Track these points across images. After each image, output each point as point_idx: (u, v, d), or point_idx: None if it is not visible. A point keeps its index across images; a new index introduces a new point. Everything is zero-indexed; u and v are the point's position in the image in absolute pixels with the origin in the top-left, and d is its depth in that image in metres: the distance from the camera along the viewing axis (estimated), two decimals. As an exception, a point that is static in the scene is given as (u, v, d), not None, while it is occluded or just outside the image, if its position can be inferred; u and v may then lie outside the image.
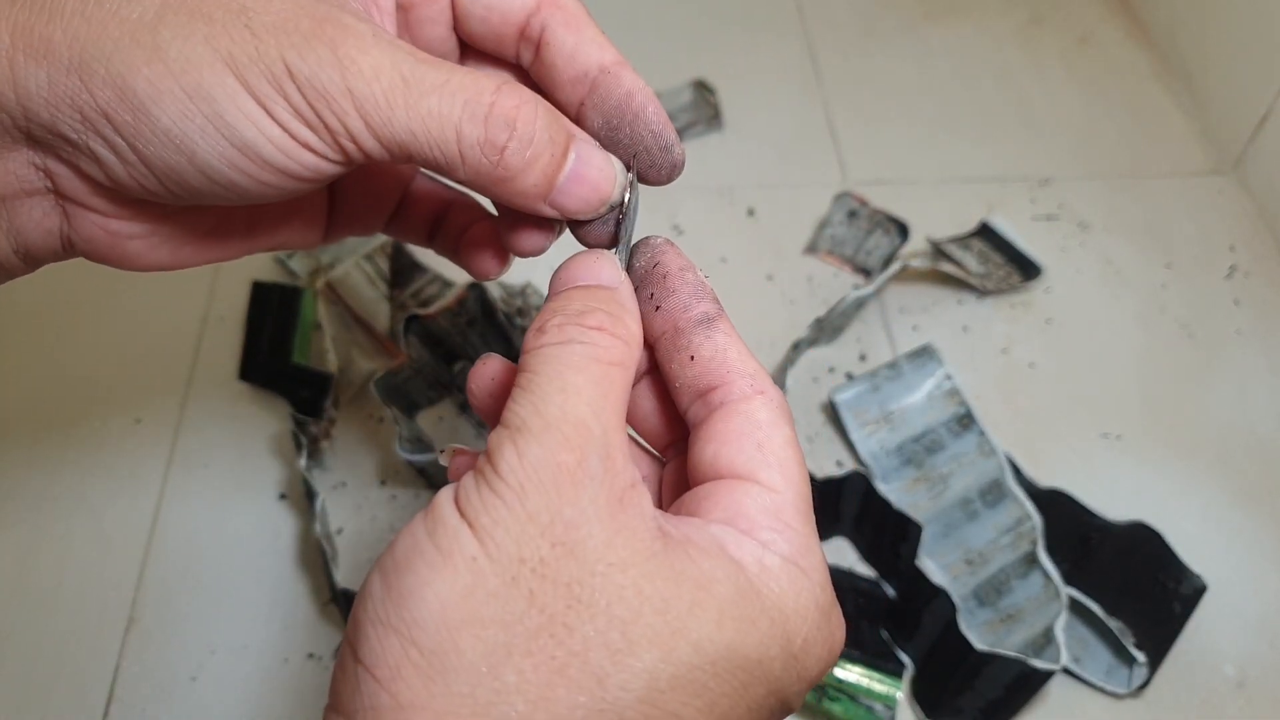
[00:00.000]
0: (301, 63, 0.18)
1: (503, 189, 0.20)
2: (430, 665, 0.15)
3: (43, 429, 0.45)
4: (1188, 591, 0.38)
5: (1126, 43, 0.64)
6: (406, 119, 0.18)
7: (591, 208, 0.21)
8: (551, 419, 0.17)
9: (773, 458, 0.18)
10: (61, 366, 0.47)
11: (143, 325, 0.49)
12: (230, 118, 0.18)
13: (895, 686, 0.36)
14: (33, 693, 0.38)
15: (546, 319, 0.19)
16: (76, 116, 0.18)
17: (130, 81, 0.17)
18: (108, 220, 0.20)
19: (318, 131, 0.18)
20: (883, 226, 0.51)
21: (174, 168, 0.18)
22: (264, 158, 0.18)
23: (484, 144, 0.19)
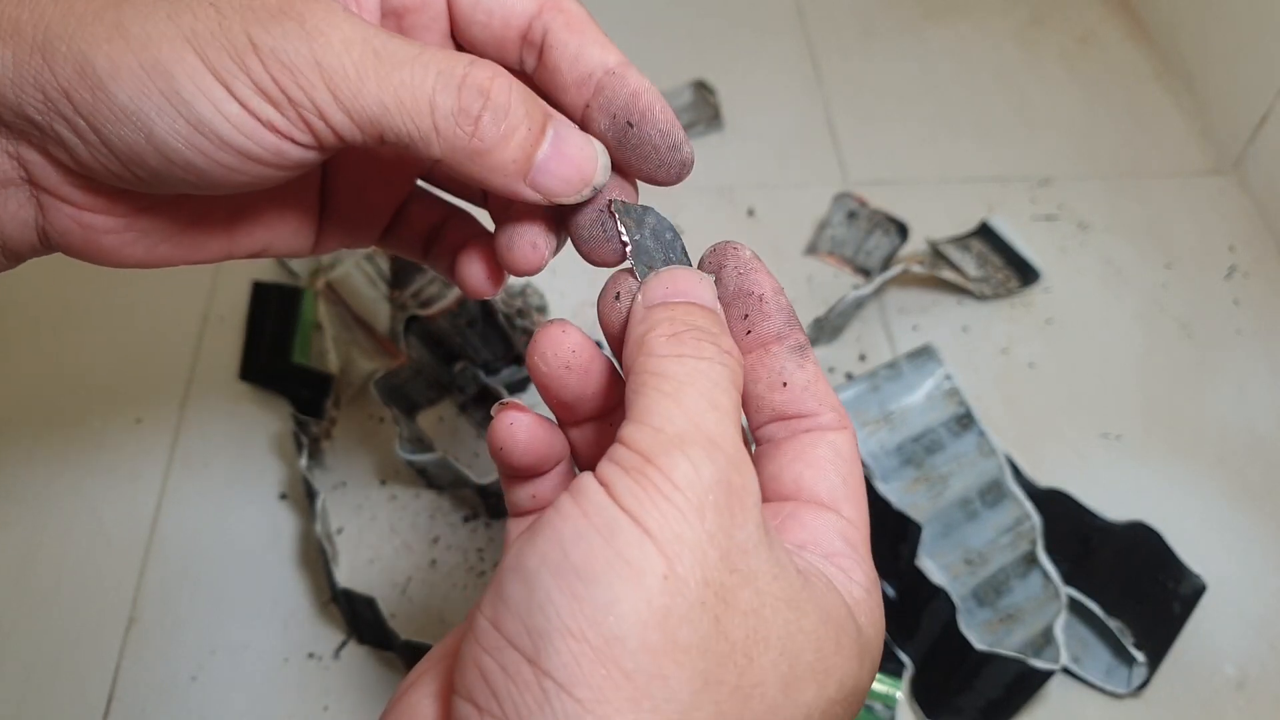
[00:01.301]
0: (266, 35, 0.17)
1: (480, 162, 0.19)
2: (636, 690, 0.15)
3: (43, 429, 0.45)
4: (1187, 591, 0.38)
5: (1126, 43, 0.64)
6: (378, 91, 0.18)
7: (574, 188, 0.20)
8: (713, 436, 0.17)
9: (854, 493, 0.19)
10: (62, 366, 0.47)
11: (143, 325, 0.49)
12: (186, 94, 0.17)
13: (895, 686, 0.36)
14: (33, 692, 0.38)
15: (680, 329, 0.18)
16: (39, 96, 0.17)
17: (90, 58, 0.17)
18: (80, 213, 0.20)
19: (281, 108, 0.18)
20: (882, 227, 0.51)
21: (133, 147, 0.18)
22: (221, 136, 0.18)
23: (458, 113, 0.18)
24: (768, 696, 0.16)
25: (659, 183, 0.22)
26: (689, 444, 0.16)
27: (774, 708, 0.16)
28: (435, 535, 0.42)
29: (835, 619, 0.17)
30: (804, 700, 0.16)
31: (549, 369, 0.20)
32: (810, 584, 0.17)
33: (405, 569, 0.41)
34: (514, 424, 0.20)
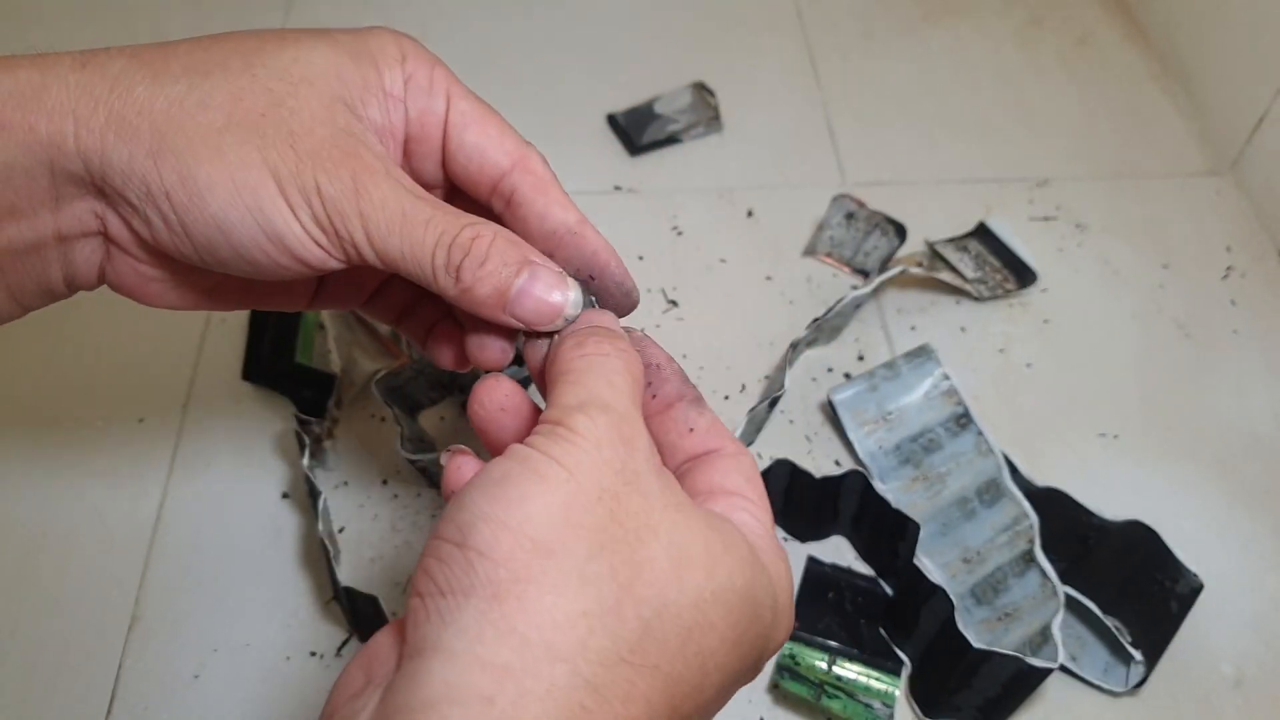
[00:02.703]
0: (329, 185, 0.23)
1: (464, 299, 0.24)
2: (541, 551, 0.19)
3: (46, 428, 0.45)
4: (1185, 590, 0.39)
5: (1124, 44, 0.64)
6: (399, 242, 0.23)
7: (545, 318, 0.25)
8: (609, 402, 0.21)
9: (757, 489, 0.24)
10: (65, 366, 0.47)
11: (146, 326, 0.49)
12: (267, 212, 0.23)
13: (894, 684, 0.36)
14: (36, 691, 0.38)
15: (585, 337, 0.23)
16: (143, 189, 0.23)
17: (193, 171, 0.22)
18: (140, 265, 0.25)
19: (329, 236, 0.23)
20: (881, 228, 0.52)
21: (211, 242, 0.23)
22: (286, 246, 0.23)
23: (448, 265, 0.24)
24: (657, 569, 0.20)
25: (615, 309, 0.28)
26: (587, 407, 0.21)
27: (663, 579, 0.20)
28: (436, 534, 0.42)
29: (722, 531, 0.21)
30: (693, 581, 0.20)
31: (486, 413, 0.25)
32: (698, 507, 0.22)
33: (407, 567, 0.41)
34: (462, 467, 0.24)
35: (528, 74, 0.60)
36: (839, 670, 0.36)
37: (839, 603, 0.40)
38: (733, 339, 0.49)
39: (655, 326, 0.49)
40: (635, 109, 0.59)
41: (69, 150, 0.22)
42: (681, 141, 0.58)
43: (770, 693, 0.38)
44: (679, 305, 0.50)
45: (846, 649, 0.37)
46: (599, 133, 0.58)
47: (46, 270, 0.25)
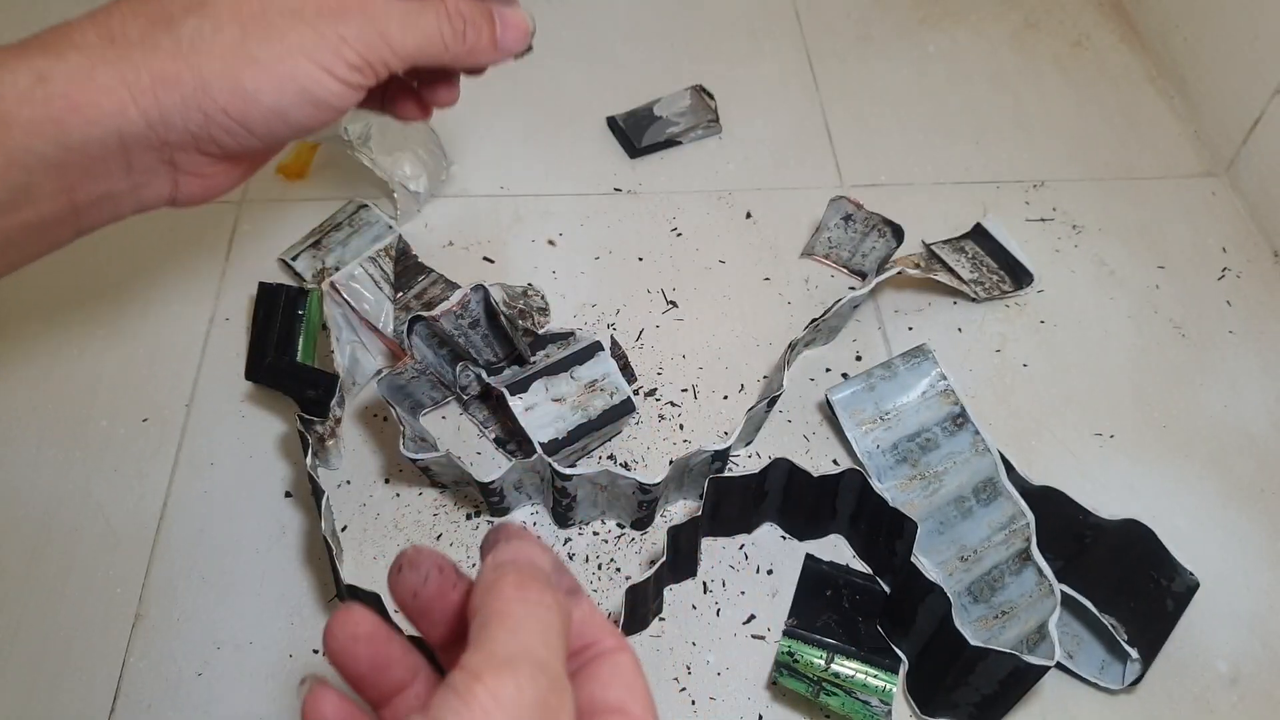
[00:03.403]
0: (347, 29, 0.27)
1: (472, 56, 0.30)
2: None
3: (51, 428, 0.46)
4: (1180, 588, 0.39)
5: (1120, 47, 0.65)
6: (414, 38, 0.28)
7: (525, 41, 0.31)
8: (545, 661, 0.20)
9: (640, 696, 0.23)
10: (70, 366, 0.48)
11: (150, 326, 0.49)
12: (311, 88, 0.27)
13: (891, 681, 0.36)
14: (41, 687, 0.38)
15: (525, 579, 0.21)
16: (201, 118, 0.26)
17: (240, 83, 0.26)
18: (204, 179, 0.29)
19: (363, 71, 0.28)
20: (878, 229, 0.52)
21: (273, 129, 0.27)
22: (332, 105, 0.28)
23: (455, 34, 0.29)
24: None
25: None
26: (519, 664, 0.19)
27: None
28: (439, 532, 0.43)
29: None
30: None
31: (339, 644, 0.23)
32: None
33: (408, 566, 0.42)
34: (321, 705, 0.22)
35: (529, 77, 0.60)
36: (837, 667, 0.36)
37: (837, 600, 0.40)
38: (731, 339, 0.49)
39: (655, 327, 0.50)
40: (635, 112, 0.59)
41: (131, 115, 0.26)
42: (681, 144, 0.58)
43: (769, 689, 0.39)
44: (678, 306, 0.51)
45: (844, 646, 0.37)
46: (599, 135, 0.59)
47: (118, 210, 0.28)
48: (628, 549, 0.42)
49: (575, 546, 0.42)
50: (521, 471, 0.40)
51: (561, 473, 0.39)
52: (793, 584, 0.41)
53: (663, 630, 0.40)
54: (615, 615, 0.40)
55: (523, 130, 0.59)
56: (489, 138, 0.58)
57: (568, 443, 0.42)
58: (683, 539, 0.39)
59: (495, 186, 0.56)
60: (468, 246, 0.53)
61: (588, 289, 0.51)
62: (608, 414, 0.43)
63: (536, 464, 0.40)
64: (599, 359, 0.43)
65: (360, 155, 0.51)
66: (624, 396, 0.43)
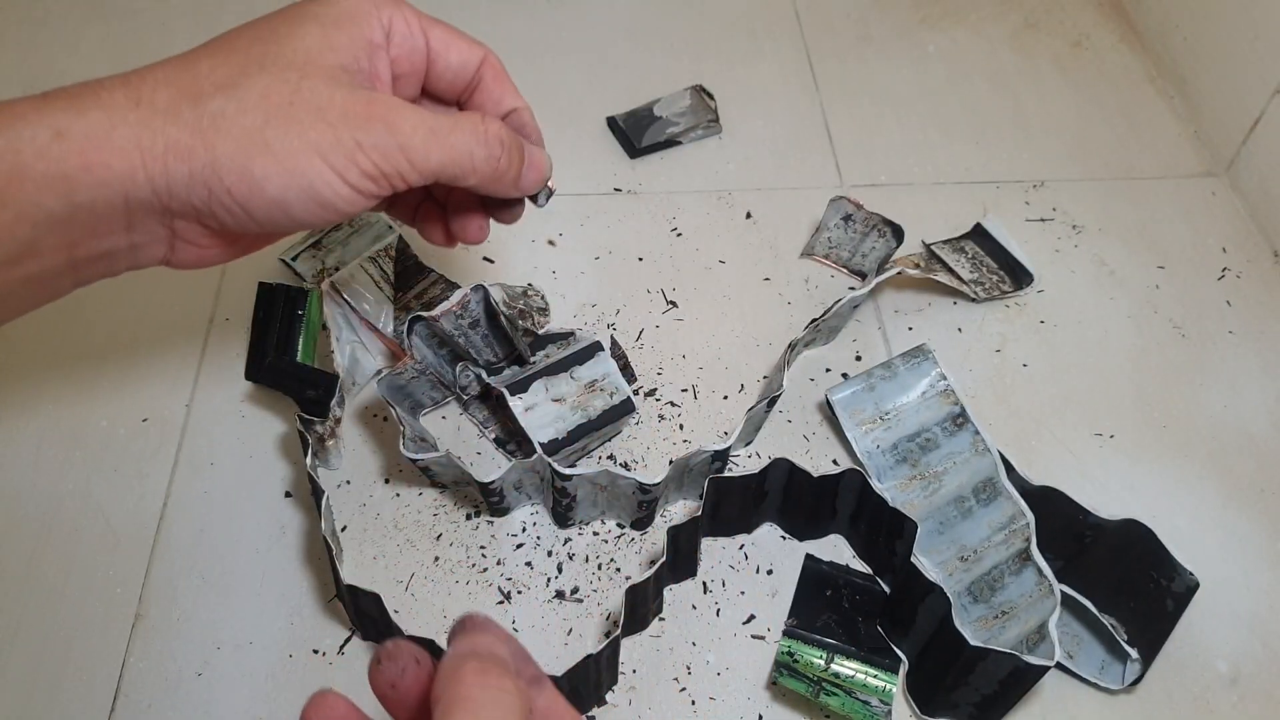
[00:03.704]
0: (366, 136, 0.27)
1: (497, 184, 0.31)
2: None
3: (51, 428, 0.46)
4: (1180, 588, 0.39)
5: (1120, 47, 0.65)
6: (439, 155, 0.29)
7: (540, 185, 0.33)
8: None
9: None
10: (70, 366, 0.48)
11: (150, 326, 0.49)
12: (318, 187, 0.27)
13: (891, 681, 0.36)
14: (41, 688, 0.38)
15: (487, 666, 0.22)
16: (205, 193, 0.27)
17: (249, 168, 0.26)
18: (201, 250, 0.29)
19: (377, 180, 0.28)
20: (878, 229, 0.52)
21: (272, 219, 0.28)
22: (335, 208, 0.28)
23: (489, 158, 0.30)
24: None
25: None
26: None
27: None
28: (439, 532, 0.43)
29: None
30: None
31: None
32: None
33: (409, 565, 0.42)
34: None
35: (528, 77, 0.60)
36: (837, 667, 0.36)
37: (837, 600, 0.40)
38: (731, 339, 0.49)
39: (655, 327, 0.50)
40: (635, 112, 0.59)
41: (139, 180, 0.26)
42: (681, 144, 0.58)
43: (769, 689, 0.39)
44: (678, 306, 0.51)
45: (844, 646, 0.37)
46: (599, 135, 0.59)
47: (113, 267, 0.28)
48: (628, 549, 0.42)
49: (575, 546, 0.42)
50: (521, 471, 0.40)
51: (561, 473, 0.39)
52: (793, 584, 0.41)
53: (663, 630, 0.40)
54: (615, 615, 0.40)
55: (523, 130, 0.59)
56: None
57: (568, 443, 0.42)
58: (683, 539, 0.39)
59: (495, 186, 0.56)
60: (467, 247, 0.53)
61: (588, 289, 0.51)
62: (608, 414, 0.43)
63: (536, 464, 0.40)
64: (599, 359, 0.43)
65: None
66: (624, 396, 0.43)
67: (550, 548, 0.42)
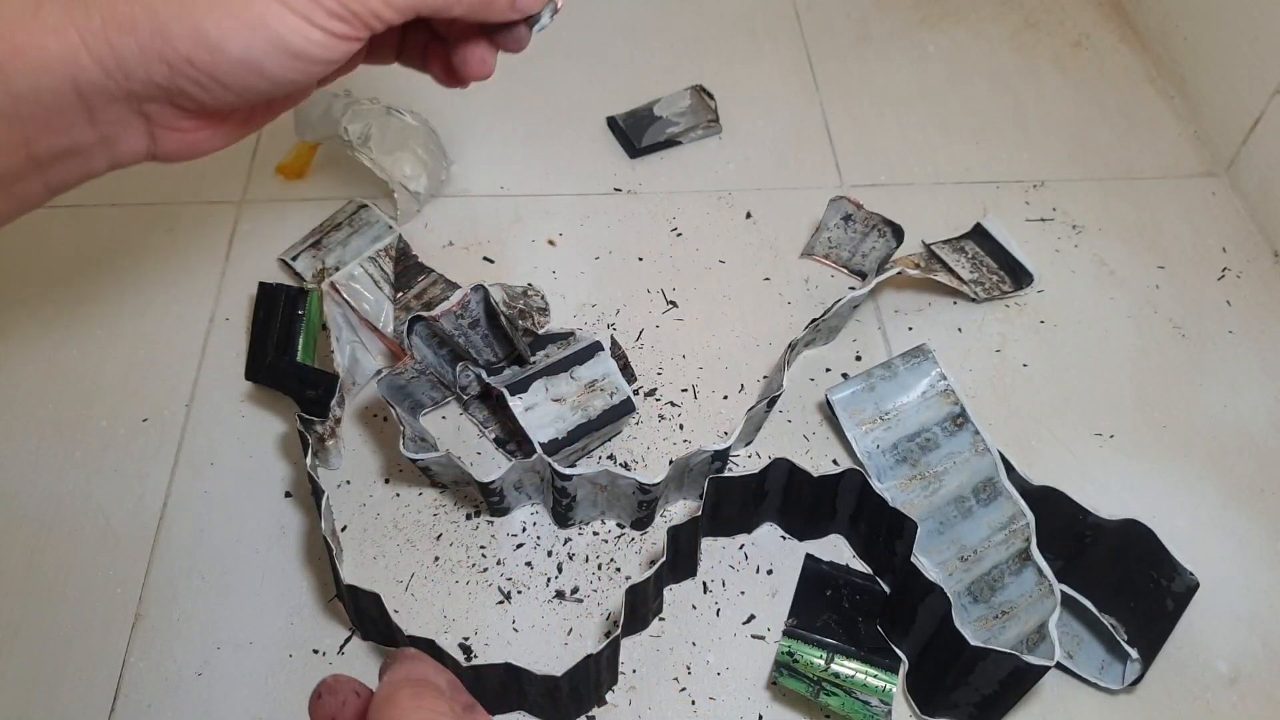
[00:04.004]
0: None
1: (487, 10, 0.27)
2: None
3: (51, 428, 0.46)
4: (1180, 588, 0.39)
5: (1120, 47, 0.65)
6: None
7: (540, 4, 0.29)
8: None
9: None
10: (70, 366, 0.48)
11: (150, 326, 0.49)
12: (286, 35, 0.24)
13: (891, 681, 0.36)
14: (41, 688, 0.38)
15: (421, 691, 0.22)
16: (164, 69, 0.24)
17: (203, 29, 0.23)
18: (184, 133, 0.26)
19: (349, 21, 0.25)
20: (878, 229, 0.52)
21: (248, 83, 0.24)
22: (312, 56, 0.25)
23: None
24: None
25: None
26: None
27: None
28: (439, 532, 0.43)
29: None
30: None
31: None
32: None
33: (409, 565, 0.42)
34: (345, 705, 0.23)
35: (529, 77, 0.60)
36: (837, 667, 0.36)
37: (837, 600, 0.40)
38: (731, 339, 0.49)
39: (655, 327, 0.50)
40: (635, 112, 0.59)
41: (84, 63, 0.23)
42: (681, 144, 0.58)
43: (769, 689, 0.39)
44: (678, 306, 0.51)
45: (844, 646, 0.37)
46: (599, 135, 0.59)
47: (90, 165, 0.26)
48: (628, 549, 0.42)
49: (575, 546, 0.42)
50: (521, 471, 0.40)
51: (561, 473, 0.39)
52: (793, 584, 0.41)
53: (663, 630, 0.40)
54: (615, 615, 0.40)
55: (523, 130, 0.59)
56: (489, 138, 0.58)
57: (568, 443, 0.42)
58: (683, 539, 0.39)
59: (495, 186, 0.56)
60: (468, 246, 0.53)
61: (588, 289, 0.51)
62: (608, 414, 0.43)
63: (536, 464, 0.40)
64: (599, 359, 0.43)
65: (360, 155, 0.51)
66: (624, 396, 0.43)
67: (550, 548, 0.42)
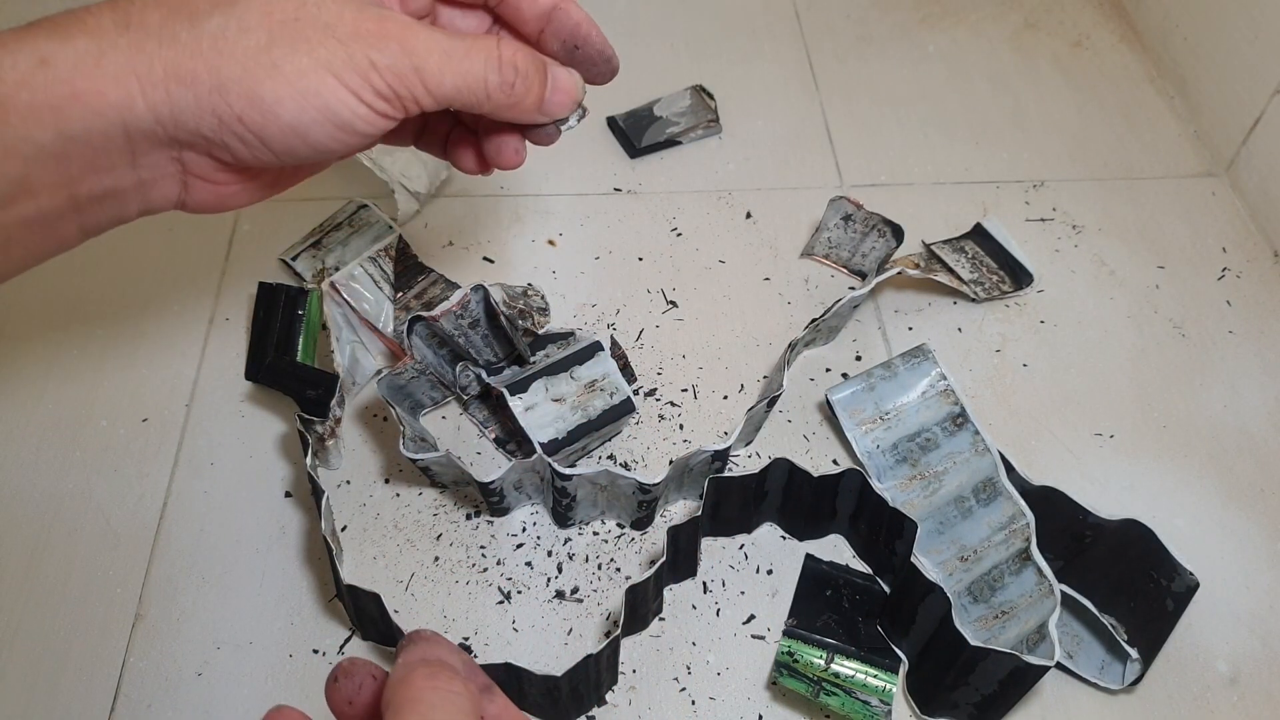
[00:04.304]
0: (380, 56, 0.26)
1: (513, 111, 0.29)
2: None
3: (51, 428, 0.46)
4: (1180, 588, 0.39)
5: (1120, 47, 0.65)
6: (452, 79, 0.27)
7: (569, 108, 0.30)
8: None
9: None
10: (70, 366, 0.48)
11: (150, 326, 0.49)
12: (334, 107, 0.25)
13: (891, 681, 0.36)
14: (41, 687, 0.38)
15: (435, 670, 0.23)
16: (214, 122, 0.25)
17: (258, 92, 0.25)
18: (217, 186, 0.28)
19: (392, 102, 0.26)
20: (878, 229, 0.52)
21: (290, 146, 0.26)
22: (355, 130, 0.26)
23: (502, 84, 0.28)
24: None
25: (597, 83, 0.32)
26: None
27: None
28: (439, 532, 0.43)
29: None
30: None
31: None
32: None
33: (409, 565, 0.42)
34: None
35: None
36: (837, 667, 0.36)
37: (837, 600, 0.40)
38: (731, 339, 0.49)
39: (655, 327, 0.50)
40: (635, 111, 0.59)
41: (139, 109, 0.24)
42: (681, 144, 0.58)
43: (769, 689, 0.39)
44: (678, 306, 0.51)
45: (844, 646, 0.37)
46: (599, 135, 0.59)
47: (124, 209, 0.27)
48: (628, 549, 0.42)
49: (575, 546, 0.42)
50: (521, 471, 0.40)
51: (561, 473, 0.39)
52: (793, 584, 0.41)
53: (663, 630, 0.40)
54: (615, 615, 0.40)
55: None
56: (489, 138, 0.58)
57: (568, 443, 0.42)
58: (683, 539, 0.39)
59: (495, 186, 0.56)
60: (468, 246, 0.53)
61: (588, 289, 0.51)
62: (608, 414, 0.43)
63: (536, 464, 0.40)
64: (599, 359, 0.43)
65: (360, 156, 0.51)
66: (624, 396, 0.43)
67: (550, 548, 0.42)
